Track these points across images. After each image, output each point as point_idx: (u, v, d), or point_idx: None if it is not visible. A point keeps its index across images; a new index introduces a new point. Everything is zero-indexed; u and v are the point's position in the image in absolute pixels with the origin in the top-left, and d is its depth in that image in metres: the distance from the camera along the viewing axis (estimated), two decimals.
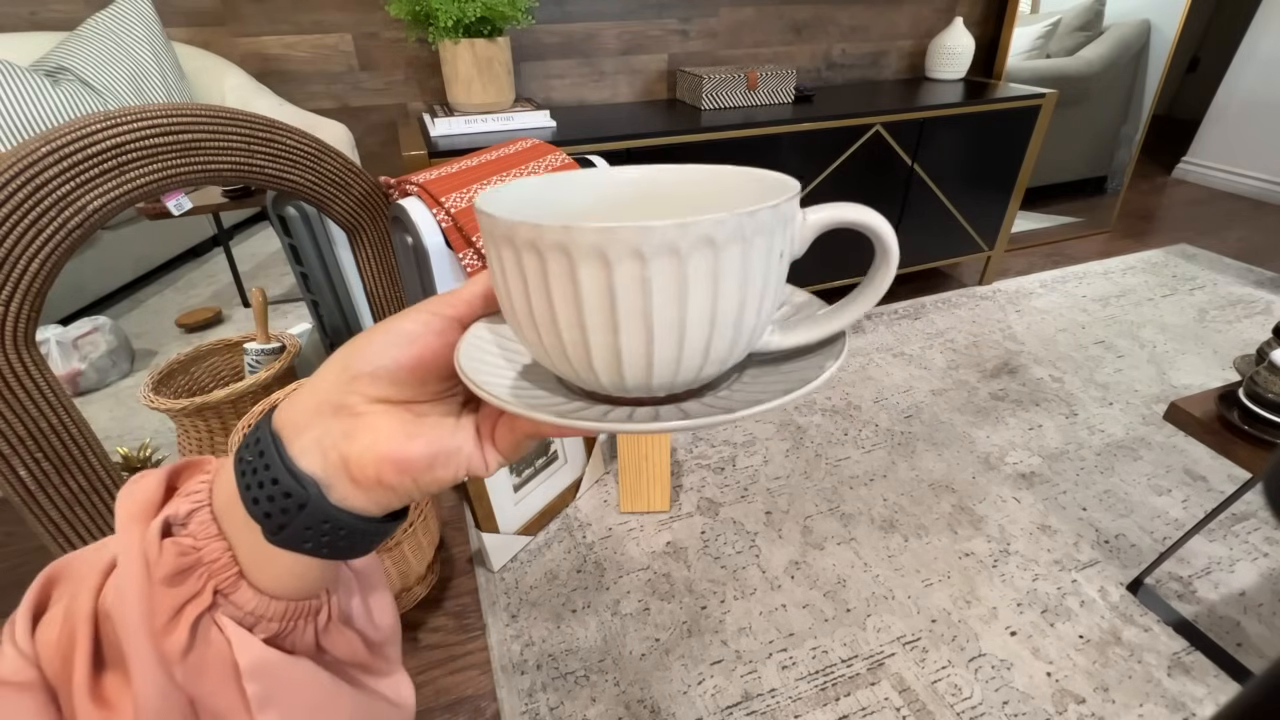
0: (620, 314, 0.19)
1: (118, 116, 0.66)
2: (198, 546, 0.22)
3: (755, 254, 0.19)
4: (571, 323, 0.19)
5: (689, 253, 0.18)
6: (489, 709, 0.86)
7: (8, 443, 0.66)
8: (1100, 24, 2.11)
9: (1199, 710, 0.84)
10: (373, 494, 0.22)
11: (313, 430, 0.22)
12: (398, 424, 0.22)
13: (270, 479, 0.21)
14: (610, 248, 0.18)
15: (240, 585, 0.22)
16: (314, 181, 0.86)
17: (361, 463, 0.21)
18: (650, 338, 0.19)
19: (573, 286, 0.19)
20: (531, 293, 0.20)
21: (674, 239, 0.18)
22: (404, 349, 0.22)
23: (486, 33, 1.27)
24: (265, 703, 0.22)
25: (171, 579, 0.21)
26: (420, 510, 0.92)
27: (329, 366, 0.23)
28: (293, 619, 0.24)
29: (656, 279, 0.18)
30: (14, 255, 0.62)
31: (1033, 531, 1.11)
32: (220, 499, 0.22)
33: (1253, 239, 2.28)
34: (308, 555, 0.22)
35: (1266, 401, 0.84)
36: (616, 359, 0.20)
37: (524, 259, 0.19)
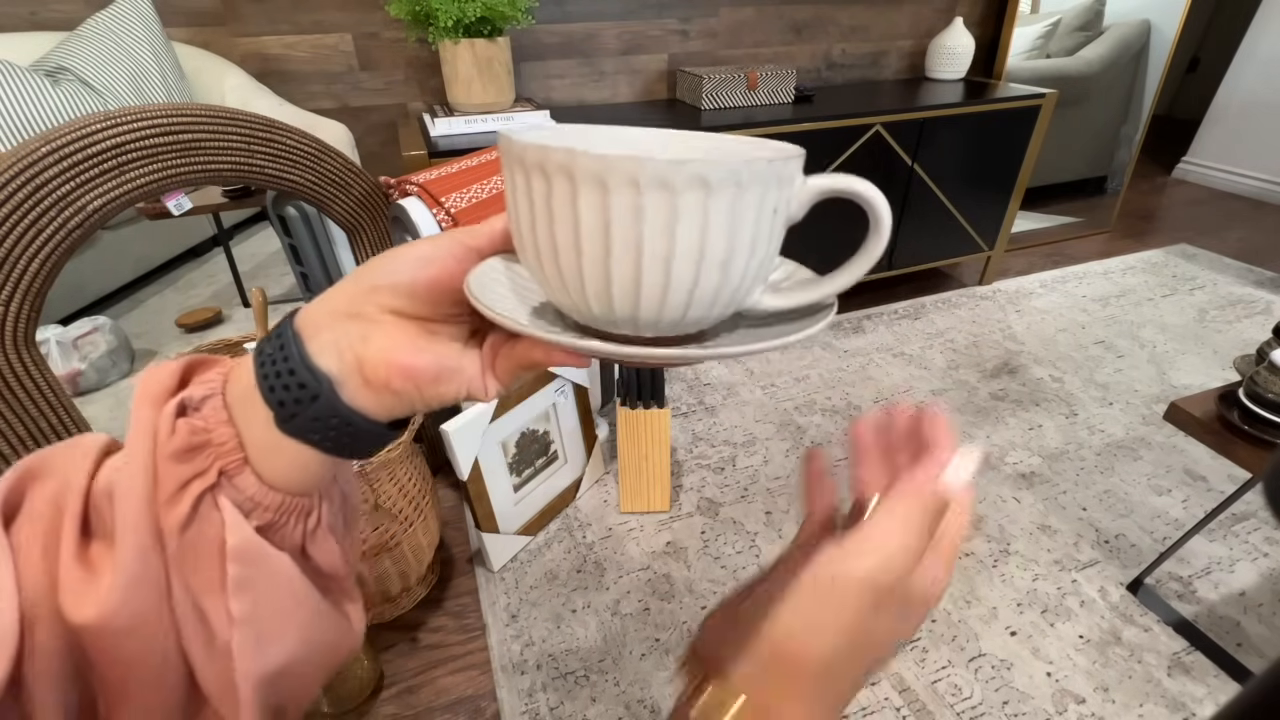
0: (613, 239, 0.20)
1: (118, 116, 0.66)
2: (209, 428, 0.23)
3: (748, 202, 0.20)
4: (569, 245, 0.20)
5: (682, 189, 0.19)
6: (489, 709, 0.86)
7: (8, 443, 0.66)
8: (1100, 24, 2.11)
9: (1199, 710, 0.84)
10: (381, 397, 0.24)
11: (331, 331, 0.23)
12: (409, 335, 0.24)
13: (288, 370, 0.23)
14: (609, 174, 0.19)
15: (244, 470, 0.24)
16: (314, 181, 0.86)
17: (374, 365, 0.23)
18: (639, 267, 0.20)
19: (572, 210, 0.20)
20: (536, 215, 0.21)
21: (668, 174, 0.18)
22: (422, 268, 0.24)
23: (486, 33, 1.27)
24: (241, 586, 0.23)
25: (181, 455, 0.22)
26: (420, 510, 0.92)
27: (351, 277, 0.25)
28: (286, 513, 0.25)
29: (649, 209, 0.19)
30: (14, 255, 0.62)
31: (1033, 531, 1.11)
32: (234, 390, 0.24)
33: (1253, 239, 2.28)
34: (313, 447, 0.24)
35: (1266, 401, 0.84)
36: (607, 286, 0.21)
37: (532, 180, 0.20)
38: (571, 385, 1.11)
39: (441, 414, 0.97)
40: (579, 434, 1.15)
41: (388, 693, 0.87)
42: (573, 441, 1.14)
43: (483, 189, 0.92)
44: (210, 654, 0.24)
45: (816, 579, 0.24)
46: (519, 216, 0.22)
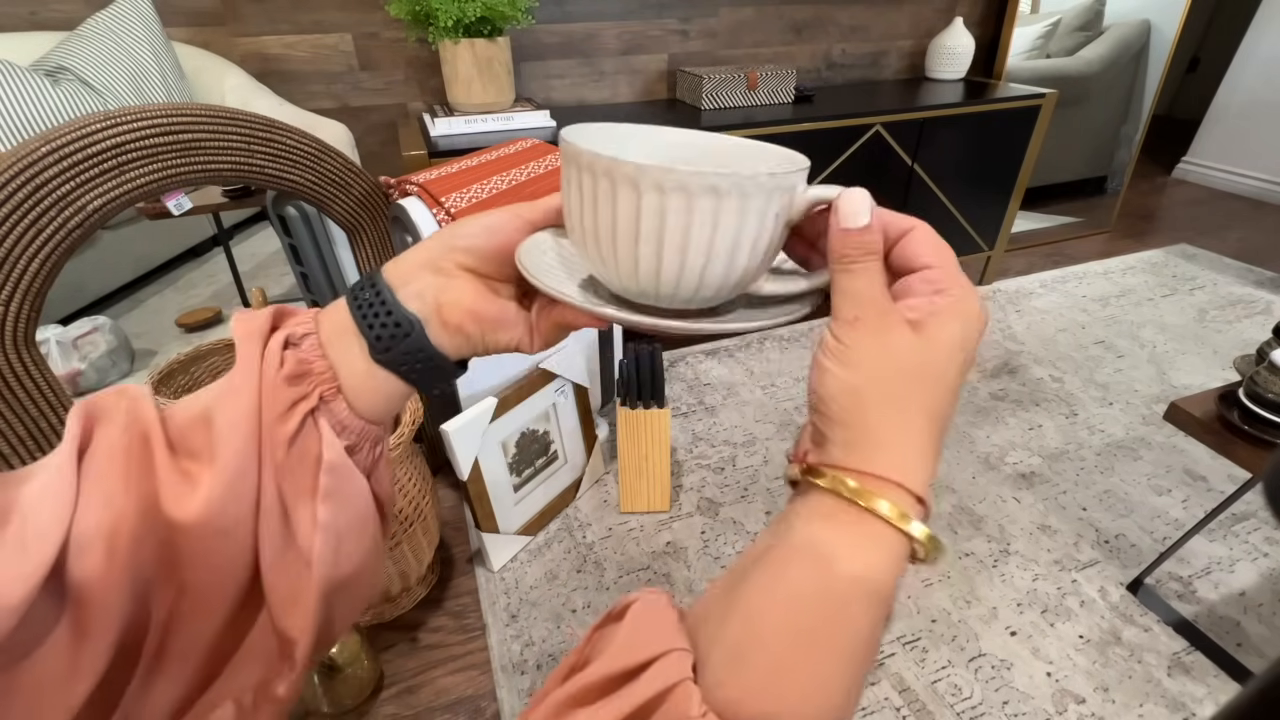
0: (641, 230, 0.25)
1: (118, 116, 0.66)
2: (310, 360, 0.28)
3: (752, 208, 0.24)
4: (607, 231, 0.26)
5: (697, 194, 0.24)
6: (489, 709, 0.86)
7: (8, 443, 0.66)
8: (1100, 24, 2.11)
9: (1199, 710, 0.84)
10: (454, 338, 0.30)
11: (417, 282, 0.29)
12: (478, 289, 0.30)
13: (385, 311, 0.28)
14: (641, 179, 0.24)
15: (338, 397, 0.28)
16: (314, 181, 0.86)
17: (450, 308, 0.29)
18: (660, 254, 0.25)
19: (612, 204, 0.25)
20: (584, 204, 0.26)
21: (687, 181, 0.23)
22: (492, 235, 0.30)
23: (486, 33, 1.27)
24: (329, 494, 0.27)
25: (291, 380, 0.27)
26: (420, 510, 0.92)
27: (433, 239, 0.30)
28: (365, 438, 0.30)
29: (670, 209, 0.24)
30: (14, 255, 0.62)
31: (1033, 531, 1.11)
32: (327, 330, 0.29)
33: (1253, 239, 2.28)
34: (399, 377, 0.29)
35: (1266, 401, 0.84)
36: (635, 266, 0.26)
37: (583, 177, 0.25)
38: (571, 385, 1.11)
39: (441, 414, 0.97)
40: (579, 434, 1.15)
41: (388, 693, 0.87)
42: (573, 441, 1.14)
43: (483, 189, 0.92)
44: (284, 560, 0.27)
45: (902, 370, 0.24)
46: (570, 203, 0.27)
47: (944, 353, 0.24)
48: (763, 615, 0.23)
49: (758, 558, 0.25)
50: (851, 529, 0.23)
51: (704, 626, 0.24)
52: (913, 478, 0.23)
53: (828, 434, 0.24)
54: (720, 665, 0.23)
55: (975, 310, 0.24)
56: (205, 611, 0.26)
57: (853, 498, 0.23)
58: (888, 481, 0.23)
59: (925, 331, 0.24)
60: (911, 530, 0.23)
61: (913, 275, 0.25)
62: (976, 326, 0.24)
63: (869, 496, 0.23)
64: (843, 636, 0.23)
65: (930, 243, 0.25)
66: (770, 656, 0.22)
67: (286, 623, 0.28)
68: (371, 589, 0.33)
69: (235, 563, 0.26)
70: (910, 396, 0.24)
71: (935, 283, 0.24)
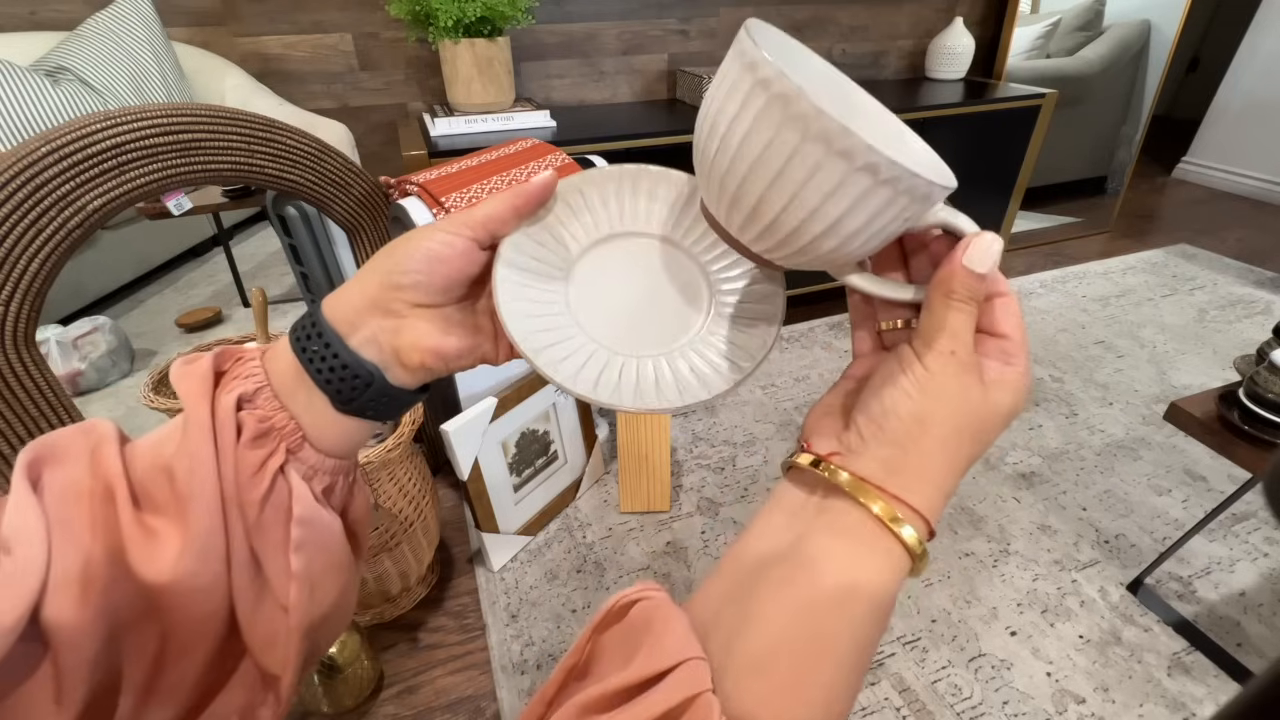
0: (786, 171, 0.23)
1: (118, 116, 0.66)
2: (269, 416, 0.27)
3: (895, 204, 0.23)
4: (740, 142, 0.24)
5: (859, 166, 0.22)
6: (489, 709, 0.86)
7: (8, 443, 0.65)
8: (1100, 24, 2.11)
9: (1199, 710, 0.84)
10: (415, 374, 0.29)
11: (367, 327, 0.28)
12: (434, 324, 0.29)
13: (340, 365, 0.27)
14: (812, 125, 0.22)
15: (305, 445, 0.28)
16: (314, 181, 0.86)
17: (409, 352, 0.28)
18: (788, 204, 0.24)
19: (773, 133, 0.23)
20: (741, 115, 0.24)
21: (854, 148, 0.22)
22: (435, 267, 0.28)
23: (486, 33, 1.27)
24: (301, 545, 0.27)
25: (254, 442, 0.27)
26: (420, 510, 0.92)
27: (370, 275, 0.29)
28: (337, 474, 0.30)
29: (825, 166, 0.22)
30: (14, 255, 0.62)
31: (1033, 531, 1.11)
32: (278, 382, 0.28)
33: (1253, 239, 2.28)
34: (366, 420, 0.29)
35: (1266, 401, 0.83)
36: (757, 203, 0.25)
37: (755, 92, 0.23)
38: None
39: (442, 414, 0.97)
40: (579, 434, 1.15)
41: (387, 693, 0.87)
42: (573, 441, 1.14)
43: (483, 189, 0.92)
44: (258, 609, 0.27)
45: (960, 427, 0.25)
46: (724, 105, 0.24)
47: (998, 418, 0.25)
48: (783, 630, 0.23)
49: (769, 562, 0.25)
50: (871, 547, 0.24)
51: (715, 634, 0.24)
52: (935, 511, 0.25)
53: (872, 447, 0.25)
54: (738, 677, 0.23)
55: (1028, 392, 0.26)
56: (190, 653, 0.27)
57: (884, 520, 0.24)
58: (916, 514, 0.24)
59: (992, 393, 0.25)
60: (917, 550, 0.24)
61: (991, 339, 0.26)
62: (1022, 406, 0.26)
63: (899, 524, 0.24)
64: (854, 649, 0.23)
65: (1015, 314, 0.26)
66: (788, 670, 0.23)
67: (268, 661, 0.28)
68: (349, 612, 0.33)
69: (213, 614, 0.27)
70: (964, 444, 0.25)
71: (1009, 354, 0.25)
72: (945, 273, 0.25)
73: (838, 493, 0.25)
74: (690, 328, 0.33)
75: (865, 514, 0.24)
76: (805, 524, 0.26)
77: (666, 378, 0.31)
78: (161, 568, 0.25)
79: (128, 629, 0.25)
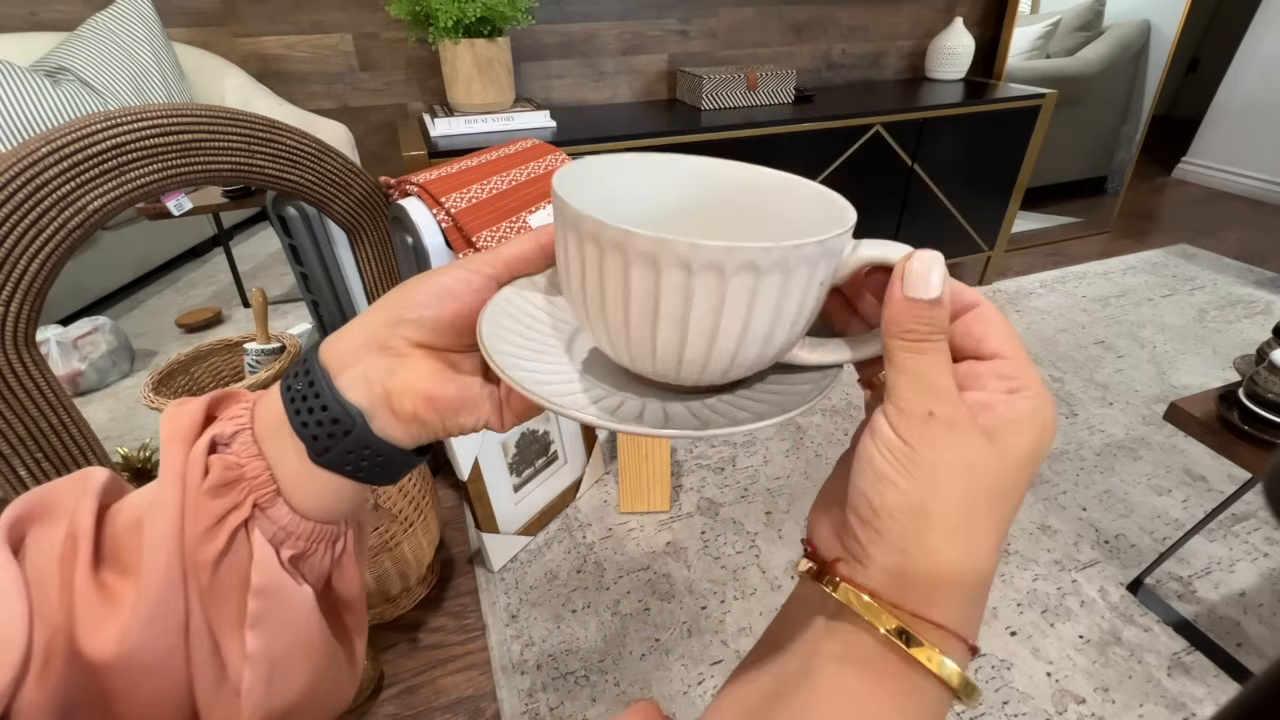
0: (661, 314, 0.20)
1: (118, 116, 0.66)
2: (241, 463, 0.24)
3: (795, 282, 0.20)
4: (617, 310, 0.21)
5: (732, 274, 0.19)
6: (489, 709, 0.86)
7: (8, 443, 0.65)
8: (1100, 24, 2.11)
9: (1199, 710, 0.84)
10: (408, 427, 0.25)
11: (359, 365, 0.24)
12: (435, 368, 0.25)
13: (320, 406, 0.23)
14: (661, 255, 0.19)
15: (277, 501, 0.24)
16: (314, 181, 0.86)
17: (401, 396, 0.24)
18: (684, 340, 0.21)
19: (624, 281, 0.20)
20: (587, 276, 0.21)
21: (720, 259, 0.19)
22: (446, 304, 0.25)
23: (486, 33, 1.27)
24: (258, 620, 0.23)
25: (216, 490, 0.23)
26: (420, 510, 0.92)
27: (377, 310, 0.25)
28: (316, 541, 0.26)
29: (698, 291, 0.20)
30: (14, 255, 0.62)
31: (1033, 531, 1.11)
32: (262, 424, 0.25)
33: (1253, 239, 2.28)
34: (346, 477, 0.25)
35: (1266, 401, 0.83)
36: (651, 350, 0.22)
37: (585, 247, 0.21)
38: None
39: None
40: (579, 434, 1.15)
41: (388, 693, 0.87)
42: (573, 441, 1.14)
43: (483, 189, 0.92)
44: (218, 694, 0.24)
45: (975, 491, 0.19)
46: (570, 271, 0.22)
47: (1018, 470, 0.19)
48: None
49: (778, 694, 0.21)
50: (892, 683, 0.19)
51: None
52: (969, 628, 0.19)
53: (872, 553, 0.20)
54: None
55: (1052, 419, 0.20)
56: None
57: (904, 648, 0.19)
58: (944, 631, 0.19)
59: (999, 441, 0.19)
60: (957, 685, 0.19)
61: (980, 364, 0.21)
62: (1050, 437, 0.20)
63: (924, 651, 0.19)
64: None
65: (999, 325, 0.21)
66: None
67: None
68: (330, 705, 0.29)
69: (169, 698, 0.23)
70: (983, 524, 0.19)
71: (1010, 379, 0.20)
72: (889, 315, 0.20)
73: (843, 610, 0.21)
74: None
75: (879, 640, 0.19)
76: (813, 647, 0.21)
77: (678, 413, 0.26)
78: (106, 641, 0.21)
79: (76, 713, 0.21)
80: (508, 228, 0.87)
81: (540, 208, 0.92)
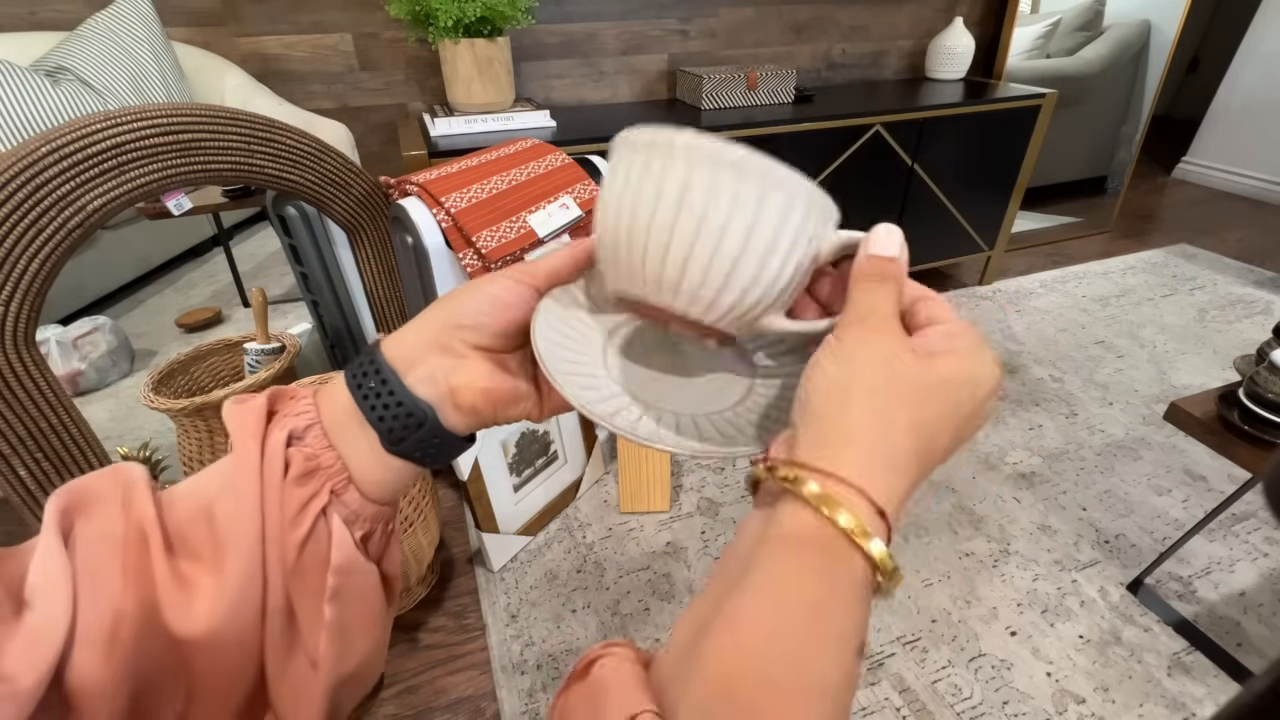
0: (684, 204, 0.24)
1: (118, 116, 0.66)
2: (317, 454, 0.27)
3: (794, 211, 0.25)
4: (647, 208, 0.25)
5: (748, 176, 0.24)
6: (489, 709, 0.86)
7: (8, 443, 0.65)
8: (1100, 24, 2.11)
9: (1199, 710, 0.84)
10: (466, 418, 0.29)
11: (425, 365, 0.28)
12: (490, 368, 0.29)
13: (395, 402, 0.27)
14: (695, 152, 0.24)
15: (349, 488, 0.27)
16: (314, 181, 0.86)
17: (464, 392, 0.28)
18: (696, 234, 0.24)
19: (659, 180, 0.25)
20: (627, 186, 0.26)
21: (743, 161, 0.24)
22: (499, 311, 0.29)
23: (486, 33, 1.27)
24: (336, 594, 0.27)
25: (300, 479, 0.26)
26: (420, 510, 0.92)
27: (434, 314, 0.29)
28: (378, 521, 0.29)
29: (723, 186, 0.24)
30: (14, 255, 0.62)
31: (1033, 531, 1.11)
32: (329, 418, 0.27)
33: (1253, 239, 2.28)
34: (414, 463, 0.29)
35: (1266, 401, 0.83)
36: (665, 249, 0.25)
37: (635, 158, 0.26)
38: None
39: None
40: (579, 434, 1.15)
41: (388, 693, 0.87)
42: (573, 441, 1.14)
43: (483, 189, 0.92)
44: (289, 663, 0.27)
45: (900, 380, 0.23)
46: (611, 190, 0.27)
47: (945, 384, 0.23)
48: (728, 676, 0.20)
49: (720, 597, 0.22)
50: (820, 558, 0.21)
51: (670, 684, 0.22)
52: (878, 486, 0.21)
53: (802, 430, 0.23)
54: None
55: (989, 362, 0.24)
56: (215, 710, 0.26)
57: (812, 502, 0.21)
58: (850, 487, 0.21)
59: (931, 361, 0.23)
60: (870, 549, 0.20)
61: (931, 327, 0.24)
62: (988, 377, 0.23)
63: (831, 504, 0.21)
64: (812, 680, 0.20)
65: (945, 307, 0.25)
66: (737, 713, 0.20)
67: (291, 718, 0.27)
68: (378, 669, 0.32)
69: (242, 670, 0.26)
70: (896, 408, 0.22)
71: (954, 336, 0.24)
72: (854, 269, 0.25)
73: (776, 494, 0.22)
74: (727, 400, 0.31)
75: (800, 505, 0.21)
76: (752, 544, 0.23)
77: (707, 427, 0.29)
78: (195, 620, 0.24)
79: (153, 686, 0.24)
80: (507, 227, 0.87)
81: (540, 207, 0.92)
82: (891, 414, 0.22)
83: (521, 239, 0.87)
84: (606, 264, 0.28)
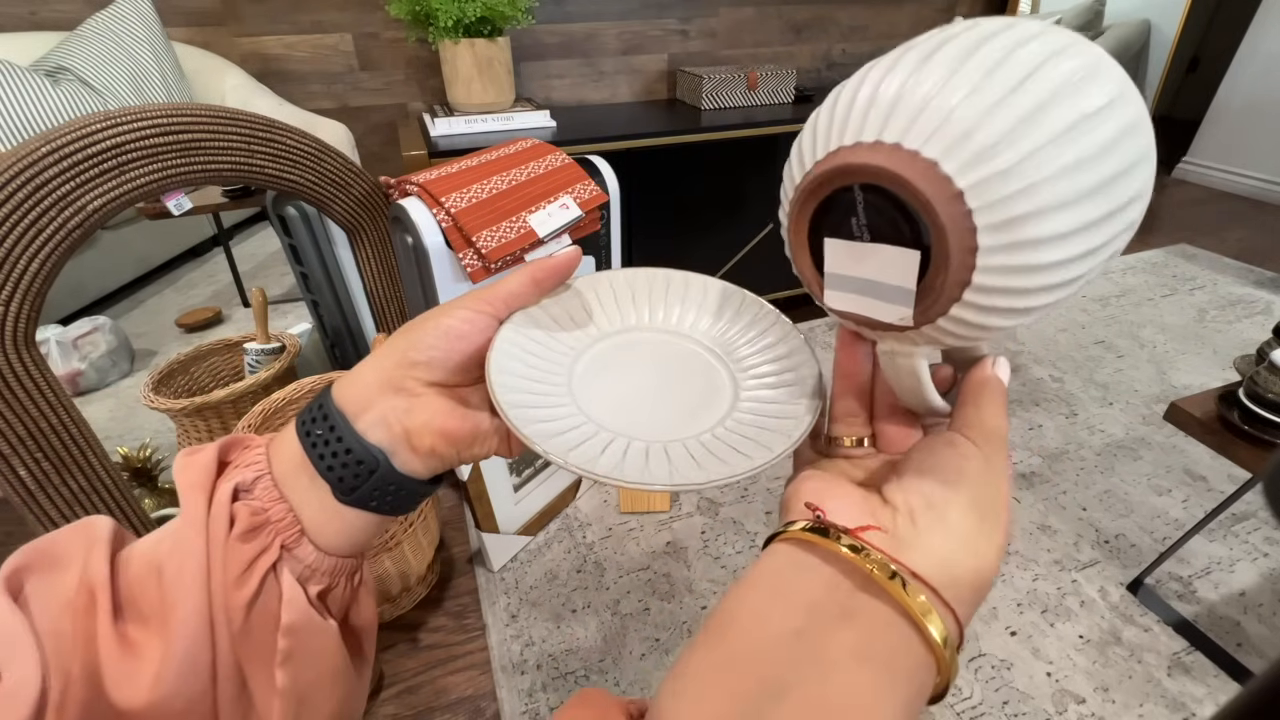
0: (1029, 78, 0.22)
1: (118, 116, 0.66)
2: (265, 508, 0.25)
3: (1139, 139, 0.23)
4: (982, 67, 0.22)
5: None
6: (489, 709, 0.86)
7: (8, 443, 0.65)
8: (1100, 24, 2.11)
9: (1199, 710, 0.84)
10: (426, 461, 0.27)
11: (377, 407, 0.26)
12: (448, 406, 0.27)
13: (344, 449, 0.25)
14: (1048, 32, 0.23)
15: (302, 541, 0.25)
16: (314, 181, 0.86)
17: (420, 434, 0.26)
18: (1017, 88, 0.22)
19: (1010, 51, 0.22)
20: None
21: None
22: (454, 344, 0.27)
23: (486, 33, 1.27)
24: (288, 658, 0.24)
25: (246, 535, 0.24)
26: (420, 510, 0.92)
27: (389, 350, 0.27)
28: (339, 574, 0.27)
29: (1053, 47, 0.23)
30: (14, 255, 0.62)
31: (1033, 531, 1.11)
32: (280, 468, 0.25)
33: (1253, 239, 2.28)
34: (370, 512, 0.26)
35: (1266, 401, 0.83)
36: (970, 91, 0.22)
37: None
38: None
39: None
40: None
41: (387, 693, 0.87)
42: None
43: (483, 189, 0.92)
44: None
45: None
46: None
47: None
48: None
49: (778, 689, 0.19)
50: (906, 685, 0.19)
51: None
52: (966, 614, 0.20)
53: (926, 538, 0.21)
54: None
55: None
56: None
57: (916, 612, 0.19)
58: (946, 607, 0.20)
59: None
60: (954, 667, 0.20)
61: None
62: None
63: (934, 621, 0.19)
64: None
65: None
66: None
67: None
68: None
69: None
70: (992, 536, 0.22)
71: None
72: (989, 375, 0.25)
73: (875, 590, 0.20)
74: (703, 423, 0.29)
75: (915, 635, 0.19)
76: (823, 630, 0.19)
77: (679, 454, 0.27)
78: (138, 689, 0.22)
79: None
80: (507, 227, 0.87)
81: (540, 207, 0.92)
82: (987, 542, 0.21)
83: (522, 239, 0.87)
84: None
